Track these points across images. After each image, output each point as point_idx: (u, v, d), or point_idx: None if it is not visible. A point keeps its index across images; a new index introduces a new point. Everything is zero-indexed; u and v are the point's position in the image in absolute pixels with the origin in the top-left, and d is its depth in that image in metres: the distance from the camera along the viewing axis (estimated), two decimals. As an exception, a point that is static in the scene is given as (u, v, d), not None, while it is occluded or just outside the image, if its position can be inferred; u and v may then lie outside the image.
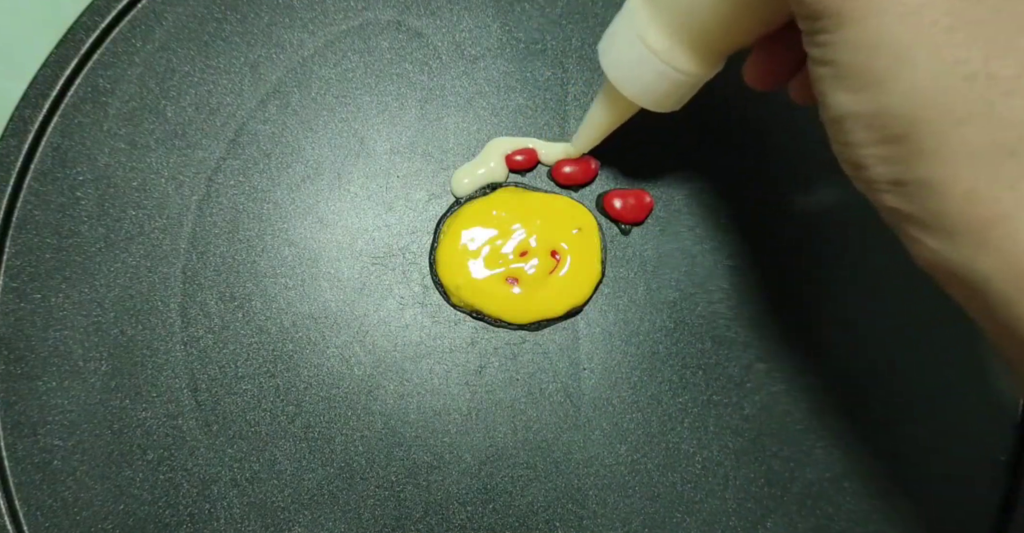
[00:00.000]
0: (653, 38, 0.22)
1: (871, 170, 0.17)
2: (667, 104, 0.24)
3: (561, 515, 0.29)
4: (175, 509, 0.28)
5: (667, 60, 0.23)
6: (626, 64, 0.23)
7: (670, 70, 0.23)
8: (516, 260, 0.30)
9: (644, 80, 0.23)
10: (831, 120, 0.18)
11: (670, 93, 0.24)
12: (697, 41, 0.22)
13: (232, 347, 0.29)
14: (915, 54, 0.15)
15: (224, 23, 0.31)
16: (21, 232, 0.29)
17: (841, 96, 0.17)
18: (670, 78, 0.23)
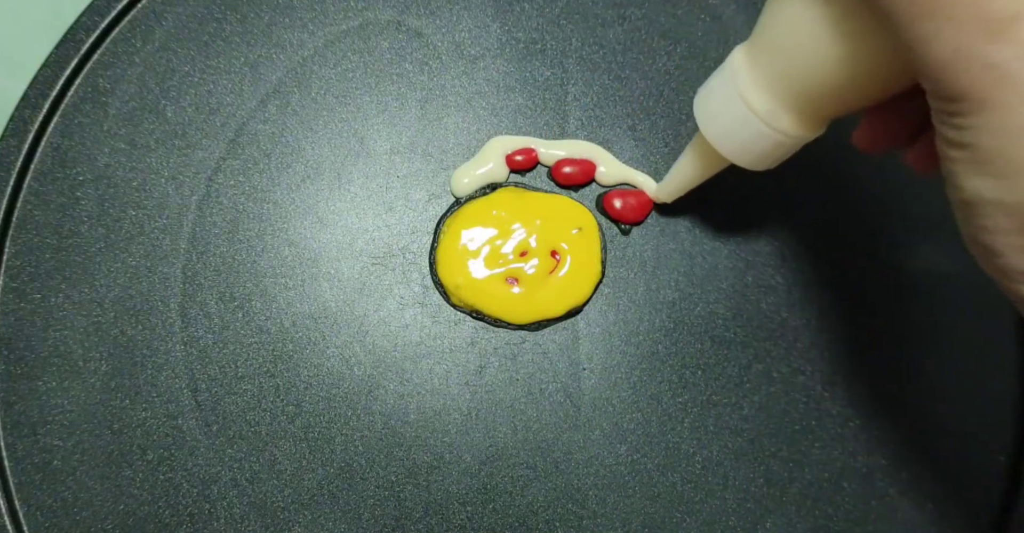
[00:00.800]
0: (756, 99, 0.21)
1: (1008, 258, 0.17)
2: (764, 163, 0.23)
3: (561, 515, 0.29)
4: (175, 509, 0.28)
5: (769, 122, 0.21)
6: (724, 122, 0.22)
7: (772, 132, 0.22)
8: (516, 260, 0.30)
9: (742, 140, 0.22)
10: (963, 203, 0.17)
11: (769, 154, 0.23)
12: (804, 105, 0.21)
13: (232, 347, 0.29)
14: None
15: (224, 23, 0.31)
16: (21, 232, 0.29)
17: (979, 181, 0.16)
18: (771, 140, 0.22)
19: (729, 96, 0.22)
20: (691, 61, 0.31)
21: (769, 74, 0.21)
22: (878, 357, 0.30)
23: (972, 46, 0.15)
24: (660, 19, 0.31)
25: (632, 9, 0.31)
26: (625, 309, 0.30)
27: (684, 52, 0.31)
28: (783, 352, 0.30)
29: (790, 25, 0.20)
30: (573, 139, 0.31)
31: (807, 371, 0.30)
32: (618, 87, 0.31)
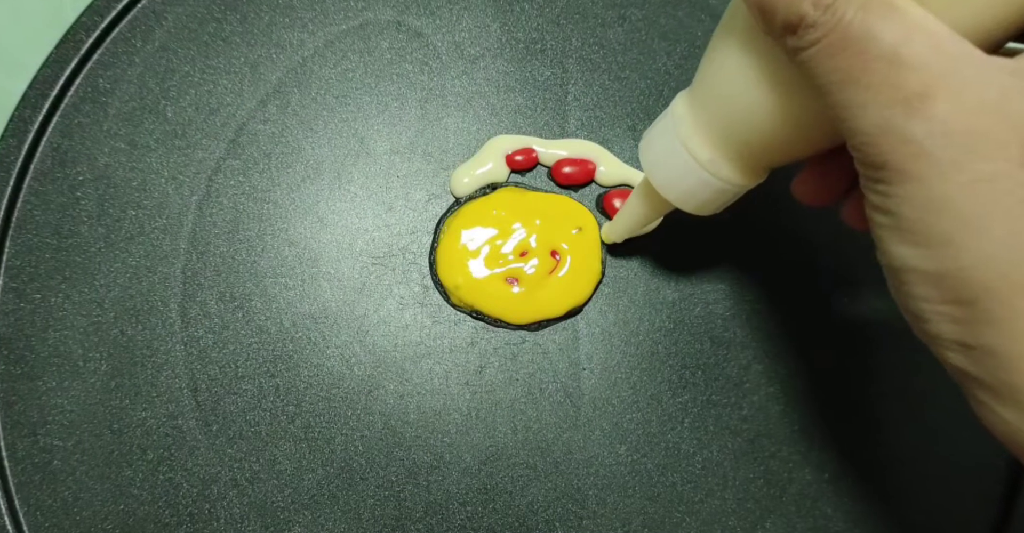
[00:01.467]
0: (698, 147, 0.21)
1: (934, 326, 0.16)
2: (709, 209, 0.23)
3: (561, 515, 0.29)
4: (175, 509, 0.28)
5: (712, 170, 0.21)
6: (668, 168, 0.22)
7: (714, 180, 0.22)
8: (516, 260, 0.30)
9: (686, 187, 0.22)
10: (890, 268, 0.17)
11: (713, 200, 0.23)
12: (743, 154, 0.21)
13: (232, 347, 0.29)
14: (987, 223, 0.14)
15: (224, 23, 0.31)
16: (21, 232, 0.29)
17: (903, 249, 0.16)
18: (714, 187, 0.22)
19: (672, 143, 0.22)
20: (691, 61, 0.31)
21: (709, 122, 0.21)
22: (879, 356, 0.30)
23: (891, 119, 0.15)
24: (660, 19, 0.31)
25: (632, 9, 0.31)
26: (625, 309, 0.30)
27: (684, 52, 0.31)
28: (783, 352, 0.30)
29: (726, 75, 0.20)
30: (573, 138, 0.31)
31: (807, 371, 0.30)
32: (618, 87, 0.31)
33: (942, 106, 0.15)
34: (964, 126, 0.14)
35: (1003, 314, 0.15)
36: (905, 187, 0.15)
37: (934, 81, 0.15)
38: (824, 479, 0.29)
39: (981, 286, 0.15)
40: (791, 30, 0.16)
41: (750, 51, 0.19)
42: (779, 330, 0.30)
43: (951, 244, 0.15)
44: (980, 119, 0.14)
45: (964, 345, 0.16)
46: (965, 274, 0.15)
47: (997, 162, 0.14)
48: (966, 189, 0.15)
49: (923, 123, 0.15)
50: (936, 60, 0.15)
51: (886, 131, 0.15)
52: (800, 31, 0.16)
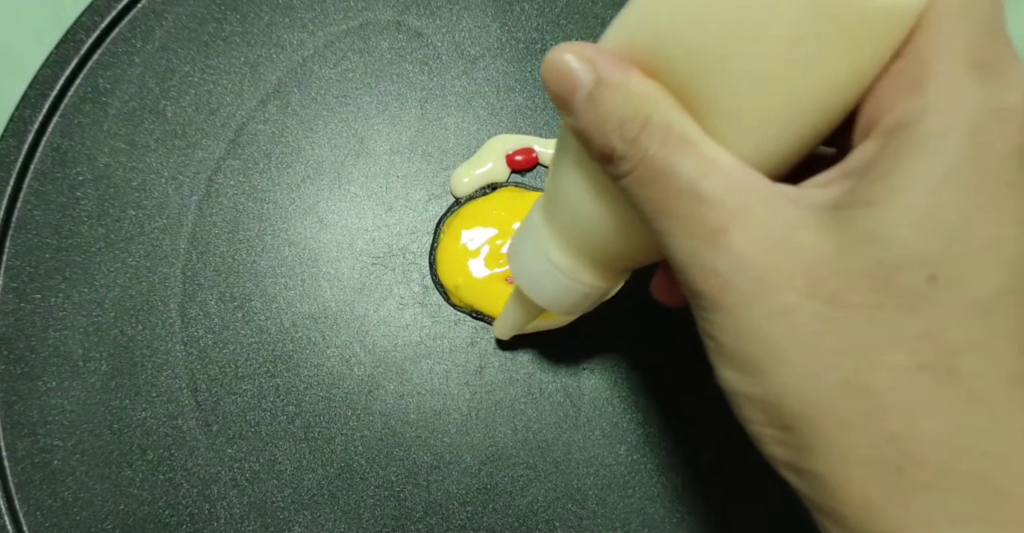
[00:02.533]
0: (556, 255, 0.22)
1: (768, 448, 0.17)
2: (577, 311, 0.24)
3: (561, 515, 0.29)
4: (175, 509, 0.28)
5: (571, 276, 0.22)
6: (533, 274, 0.23)
7: (576, 285, 0.22)
8: (516, 260, 0.30)
9: (552, 292, 0.23)
10: (725, 391, 0.17)
11: (580, 303, 0.23)
12: (597, 259, 0.21)
13: (232, 347, 0.29)
14: (789, 355, 0.15)
15: (224, 23, 0.31)
16: (21, 232, 0.29)
17: (727, 373, 0.16)
18: (576, 292, 0.22)
19: (534, 250, 0.22)
20: (691, 61, 0.31)
21: (561, 231, 0.21)
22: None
23: (698, 252, 0.15)
24: (660, 19, 0.31)
25: (632, 9, 0.31)
26: (625, 309, 0.30)
27: (684, 52, 0.31)
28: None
29: (567, 188, 0.20)
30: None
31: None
32: (618, 87, 0.31)
33: (738, 241, 0.15)
34: (757, 260, 0.15)
35: (817, 442, 0.15)
36: (719, 315, 0.16)
37: (729, 217, 0.15)
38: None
39: (794, 414, 0.15)
40: (607, 160, 0.16)
41: (584, 168, 0.19)
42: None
43: (762, 372, 0.15)
44: (769, 253, 0.15)
45: (796, 469, 0.16)
46: (779, 401, 0.15)
47: (788, 295, 0.15)
48: (768, 321, 0.15)
49: (724, 257, 0.15)
50: (730, 195, 0.15)
51: (695, 262, 0.15)
52: (614, 162, 0.16)
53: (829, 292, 0.14)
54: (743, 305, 0.15)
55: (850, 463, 0.15)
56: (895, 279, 0.14)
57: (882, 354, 0.14)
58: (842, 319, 0.14)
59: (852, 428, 0.14)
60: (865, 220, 0.14)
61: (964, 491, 0.14)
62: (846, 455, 0.15)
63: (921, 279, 0.14)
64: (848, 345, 0.14)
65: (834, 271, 0.14)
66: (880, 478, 0.14)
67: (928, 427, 0.14)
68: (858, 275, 0.14)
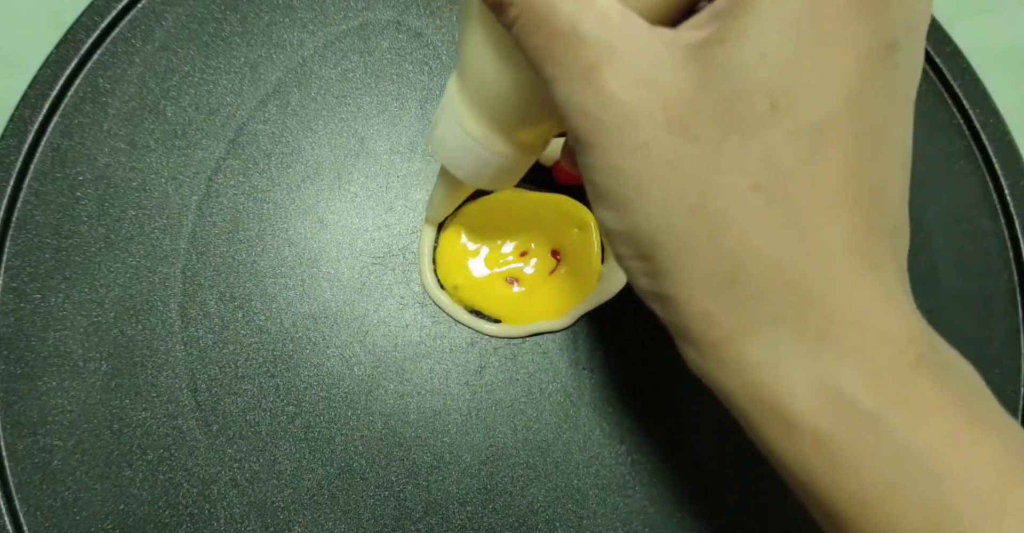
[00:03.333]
0: (470, 125, 0.22)
1: (635, 280, 0.18)
2: (499, 184, 0.24)
3: (561, 515, 0.29)
4: (175, 509, 0.28)
5: (487, 147, 0.22)
6: (451, 149, 0.23)
7: (491, 155, 0.22)
8: (516, 260, 0.30)
9: (470, 164, 0.23)
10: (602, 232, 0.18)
11: (498, 175, 0.23)
12: (506, 128, 0.22)
13: (232, 347, 0.29)
14: (647, 186, 0.16)
15: (224, 23, 0.31)
16: (21, 232, 0.29)
17: (601, 212, 0.18)
18: (494, 163, 0.23)
19: (450, 122, 0.22)
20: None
21: (473, 98, 0.21)
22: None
23: (574, 93, 0.16)
24: (660, 19, 0.31)
25: (632, 9, 0.31)
26: (625, 309, 0.30)
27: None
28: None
29: (472, 50, 0.20)
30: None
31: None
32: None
33: (607, 79, 0.16)
34: (624, 98, 0.16)
35: (669, 266, 0.17)
36: (591, 155, 0.17)
37: (602, 56, 0.16)
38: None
39: (652, 242, 0.17)
40: (498, 8, 0.17)
41: (484, 27, 0.19)
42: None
43: (628, 207, 0.17)
44: (635, 90, 0.16)
45: (655, 295, 0.18)
46: (640, 232, 0.17)
47: (648, 130, 0.16)
48: (630, 156, 0.16)
49: (595, 96, 0.16)
50: (605, 35, 0.16)
51: (572, 104, 0.16)
52: (503, 8, 0.17)
53: (684, 125, 0.16)
54: (610, 143, 0.16)
55: (693, 281, 0.16)
56: (740, 108, 0.15)
57: (723, 178, 0.16)
58: (693, 149, 0.16)
59: (696, 249, 0.16)
60: (722, 56, 0.15)
61: (780, 298, 0.16)
62: (690, 274, 0.16)
63: (763, 106, 0.15)
64: (696, 172, 0.16)
65: (690, 105, 0.16)
66: (716, 292, 0.16)
67: (757, 243, 0.16)
68: (710, 107, 0.16)
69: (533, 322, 0.29)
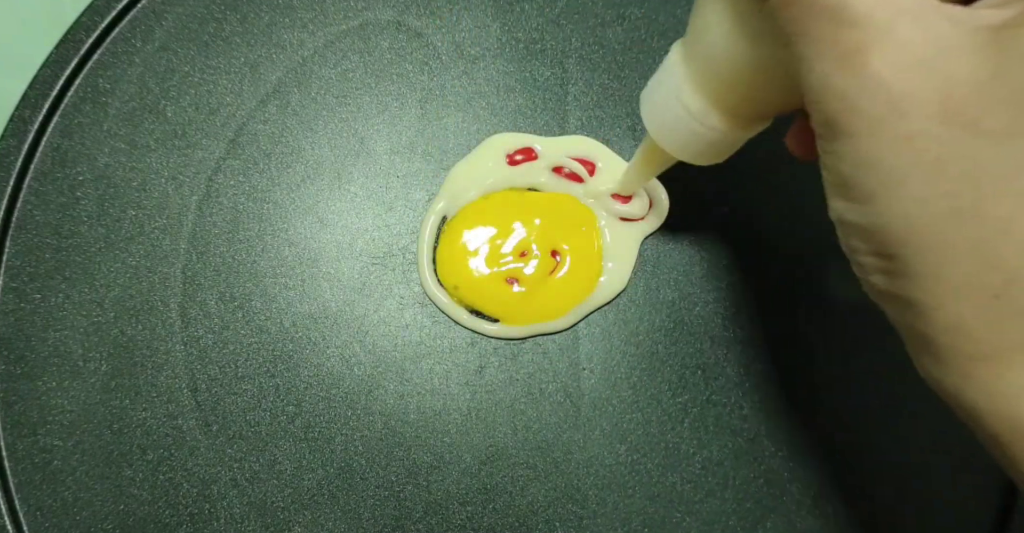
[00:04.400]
0: (689, 98, 0.21)
1: (869, 277, 0.17)
2: (706, 159, 0.23)
3: (561, 515, 0.29)
4: (175, 509, 0.28)
5: (702, 121, 0.22)
6: (663, 119, 0.23)
7: (706, 130, 0.22)
8: (516, 260, 0.30)
9: (681, 137, 0.23)
10: (834, 221, 0.17)
11: (708, 150, 0.23)
12: (731, 103, 0.21)
13: (232, 347, 0.29)
14: (905, 181, 0.15)
15: (224, 23, 0.31)
16: (21, 232, 0.29)
17: (838, 202, 0.17)
18: (706, 138, 0.22)
19: (667, 93, 0.22)
20: (691, 61, 0.31)
21: (698, 71, 0.21)
22: (880, 355, 0.30)
23: (829, 73, 0.15)
24: (660, 19, 0.31)
25: (632, 9, 0.31)
26: (624, 309, 0.30)
27: (684, 52, 0.31)
28: (783, 352, 0.30)
29: (710, 23, 0.20)
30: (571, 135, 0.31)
31: (807, 371, 0.30)
32: (618, 87, 0.31)
33: (874, 62, 0.15)
34: (892, 83, 0.14)
35: (918, 269, 0.15)
36: (840, 143, 0.16)
37: (871, 36, 0.15)
38: (825, 478, 0.29)
39: (899, 241, 0.15)
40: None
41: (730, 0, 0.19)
42: (779, 330, 0.30)
43: (876, 200, 0.15)
44: (908, 76, 0.14)
45: (893, 298, 0.16)
46: (887, 229, 0.15)
47: (917, 120, 0.14)
48: (890, 147, 0.15)
49: (855, 80, 0.15)
50: (877, 12, 0.15)
51: (826, 86, 0.15)
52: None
53: (966, 118, 0.14)
54: (868, 131, 0.15)
55: (948, 289, 0.15)
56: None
57: (1010, 182, 0.14)
58: (972, 145, 0.14)
59: (957, 255, 0.15)
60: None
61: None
62: (945, 281, 0.15)
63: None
64: (972, 172, 0.14)
65: (978, 95, 0.14)
66: (976, 303, 0.15)
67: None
68: (1004, 100, 0.14)
69: (533, 322, 0.29)
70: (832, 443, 0.29)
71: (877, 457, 0.29)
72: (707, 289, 0.30)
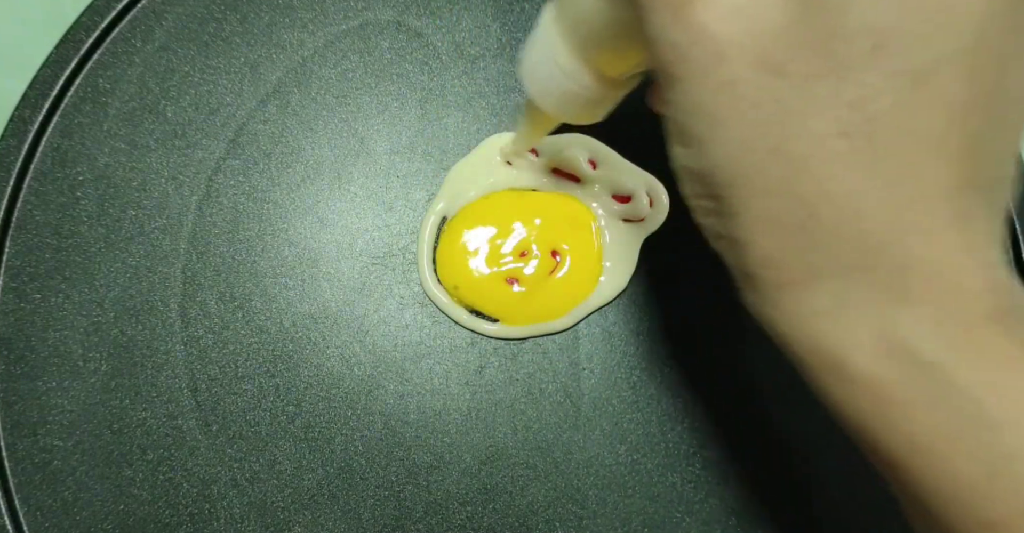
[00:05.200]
0: (562, 57, 0.22)
1: (701, 219, 0.18)
2: (583, 118, 0.24)
3: (561, 515, 0.29)
4: (175, 509, 0.28)
5: (576, 79, 0.22)
6: (539, 80, 0.23)
7: (579, 88, 0.22)
8: (516, 260, 0.30)
9: (557, 96, 0.23)
10: (673, 169, 0.18)
11: (583, 109, 0.23)
12: (600, 63, 0.22)
13: (232, 347, 0.29)
14: (728, 125, 0.16)
15: (224, 23, 0.31)
16: (21, 232, 0.29)
17: (675, 149, 0.17)
18: (581, 96, 0.23)
19: (541, 53, 0.22)
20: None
21: (567, 30, 0.22)
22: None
23: (663, 25, 0.16)
24: (660, 19, 0.31)
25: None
26: (625, 309, 0.30)
27: (684, 52, 0.31)
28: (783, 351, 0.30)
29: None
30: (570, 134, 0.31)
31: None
32: (618, 87, 0.31)
33: (700, 12, 0.15)
34: (715, 32, 0.15)
35: (737, 206, 0.16)
36: (674, 91, 0.16)
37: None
38: (825, 478, 0.29)
39: (722, 182, 0.16)
40: None
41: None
42: (779, 330, 0.30)
43: (703, 144, 0.16)
44: (729, 25, 0.15)
45: (720, 236, 0.17)
46: (713, 171, 0.16)
47: (737, 66, 0.15)
48: (714, 93, 0.16)
49: (684, 29, 0.16)
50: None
51: (661, 37, 0.16)
52: None
53: (774, 62, 0.15)
54: (695, 77, 0.16)
55: (763, 224, 0.16)
56: (839, 48, 0.14)
57: (807, 121, 0.15)
58: (780, 88, 0.15)
59: (769, 192, 0.16)
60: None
61: (852, 246, 0.15)
62: (759, 217, 0.16)
63: (865, 47, 0.14)
64: (779, 113, 0.15)
65: (783, 41, 0.15)
66: (785, 237, 0.16)
67: (834, 190, 0.15)
68: (805, 44, 0.15)
69: (533, 322, 0.29)
70: (832, 442, 0.29)
71: (877, 457, 0.29)
72: (707, 289, 0.30)
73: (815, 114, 0.15)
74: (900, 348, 0.15)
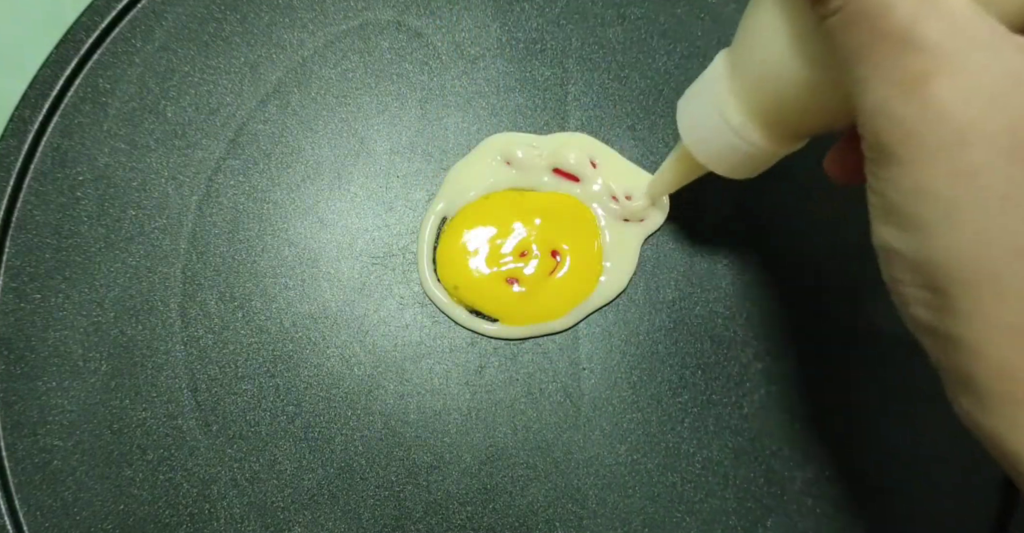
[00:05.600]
0: (731, 111, 0.21)
1: (910, 308, 0.16)
2: (740, 173, 0.23)
3: (561, 515, 0.29)
4: (175, 509, 0.28)
5: (742, 135, 0.21)
6: (701, 130, 0.22)
7: (745, 145, 0.22)
8: (516, 260, 0.30)
9: (718, 149, 0.22)
10: (878, 248, 0.17)
11: (743, 164, 0.23)
12: (773, 120, 0.21)
13: (232, 347, 0.29)
14: (963, 215, 0.14)
15: (224, 23, 0.31)
16: (21, 232, 0.29)
17: (885, 230, 0.16)
18: (744, 152, 0.22)
19: (708, 104, 0.22)
20: (691, 61, 0.31)
21: (744, 85, 0.21)
22: (880, 355, 0.30)
23: (888, 99, 0.15)
24: (660, 19, 0.31)
25: (632, 9, 0.31)
26: (625, 309, 0.30)
27: (684, 52, 0.31)
28: (783, 351, 0.30)
29: (761, 38, 0.19)
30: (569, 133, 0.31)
31: (807, 370, 0.30)
32: (618, 87, 0.31)
33: (940, 91, 0.14)
34: (957, 113, 0.14)
35: (968, 306, 0.15)
36: (893, 170, 0.15)
37: (938, 64, 0.14)
38: (825, 478, 0.29)
39: (950, 277, 0.15)
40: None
41: (785, 15, 0.18)
42: (779, 329, 0.30)
43: (928, 232, 0.15)
44: (975, 107, 0.14)
45: (935, 332, 0.16)
46: (937, 263, 0.15)
47: (983, 154, 0.14)
48: (948, 179, 0.14)
49: (917, 107, 0.14)
50: (947, 41, 0.14)
51: (883, 111, 0.15)
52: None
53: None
54: (924, 160, 0.14)
55: (999, 330, 0.15)
56: None
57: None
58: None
59: (1009, 295, 0.14)
60: None
61: None
62: (993, 320, 0.15)
63: None
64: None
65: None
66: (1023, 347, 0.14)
67: None
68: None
69: (533, 322, 0.29)
70: (832, 443, 0.29)
71: (877, 457, 0.29)
72: (707, 289, 0.30)
73: None
74: None
